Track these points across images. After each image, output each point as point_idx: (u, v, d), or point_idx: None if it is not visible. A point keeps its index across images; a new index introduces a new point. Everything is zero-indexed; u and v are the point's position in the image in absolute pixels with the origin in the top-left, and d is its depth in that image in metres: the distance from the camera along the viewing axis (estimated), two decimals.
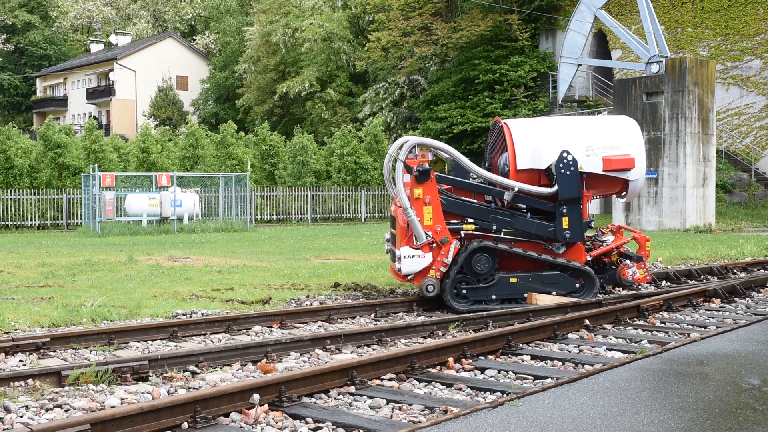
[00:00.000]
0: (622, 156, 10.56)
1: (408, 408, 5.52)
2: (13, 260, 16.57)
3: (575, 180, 10.22)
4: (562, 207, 10.23)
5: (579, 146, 10.42)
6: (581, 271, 10.44)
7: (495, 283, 10.14)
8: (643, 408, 4.97)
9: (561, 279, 10.37)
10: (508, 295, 10.21)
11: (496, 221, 10.30)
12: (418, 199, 9.93)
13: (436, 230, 9.96)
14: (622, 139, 10.77)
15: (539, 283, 10.27)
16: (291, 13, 51.32)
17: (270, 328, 8.88)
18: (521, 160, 10.42)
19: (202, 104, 61.99)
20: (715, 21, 35.12)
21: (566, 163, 10.19)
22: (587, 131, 10.91)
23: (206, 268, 14.86)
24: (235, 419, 5.22)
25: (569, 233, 10.28)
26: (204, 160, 34.91)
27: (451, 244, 10.01)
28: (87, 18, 79.51)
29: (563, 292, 10.34)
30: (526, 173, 10.42)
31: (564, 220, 10.24)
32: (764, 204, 31.85)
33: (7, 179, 31.39)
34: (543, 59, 39.66)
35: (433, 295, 9.91)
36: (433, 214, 9.96)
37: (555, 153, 10.28)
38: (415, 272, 9.98)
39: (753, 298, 11.06)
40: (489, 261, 10.09)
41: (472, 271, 10.08)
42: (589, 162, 10.42)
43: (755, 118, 34.29)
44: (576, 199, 10.26)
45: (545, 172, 10.44)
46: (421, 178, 9.93)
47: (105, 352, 7.55)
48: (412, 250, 9.92)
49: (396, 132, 43.48)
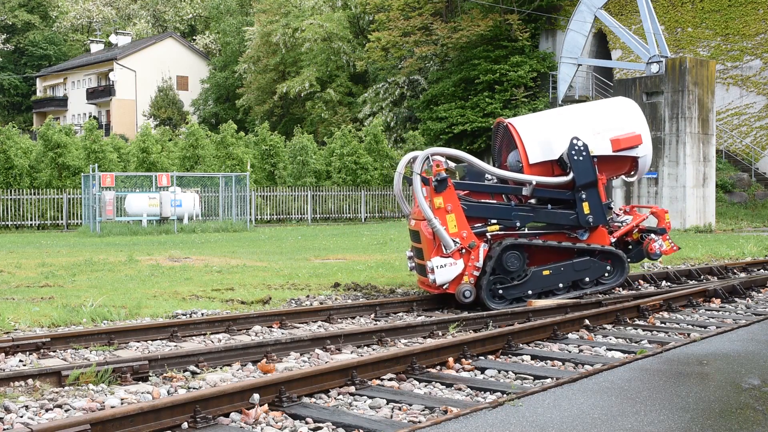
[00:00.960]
0: (628, 134, 10.75)
1: (408, 408, 5.52)
2: (13, 260, 16.57)
3: (589, 164, 10.39)
4: (580, 193, 10.40)
5: (586, 131, 10.59)
6: (610, 253, 10.61)
7: (529, 278, 10.22)
8: (643, 408, 4.97)
9: (592, 264, 10.52)
10: (543, 288, 10.32)
11: (518, 218, 10.38)
12: (440, 209, 9.95)
13: (462, 236, 9.97)
14: (624, 119, 10.97)
15: (571, 271, 10.42)
16: (291, 13, 51.31)
17: (270, 328, 8.87)
18: (532, 154, 10.53)
19: (202, 104, 61.99)
20: (715, 21, 35.12)
21: (578, 149, 10.35)
22: (590, 116, 11.10)
23: (206, 268, 14.85)
24: (235, 419, 5.22)
25: (592, 217, 10.46)
26: (204, 160, 34.91)
27: (480, 247, 10.04)
28: (87, 18, 79.52)
29: (595, 278, 10.52)
30: (538, 166, 10.53)
31: (584, 206, 10.42)
32: (764, 204, 31.85)
33: (7, 179, 31.38)
34: (543, 59, 39.67)
35: (470, 300, 9.90)
36: (456, 221, 9.98)
37: (565, 142, 10.42)
38: (449, 280, 9.94)
39: (753, 298, 11.06)
40: (520, 258, 10.16)
41: (505, 270, 10.12)
42: (598, 145, 10.60)
43: (755, 118, 34.29)
44: (593, 183, 10.43)
45: (557, 163, 10.57)
46: (439, 188, 9.97)
47: (105, 352, 7.55)
48: (443, 259, 9.90)
49: (396, 132, 43.47)
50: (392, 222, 34.67)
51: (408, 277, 13.09)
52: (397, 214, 36.35)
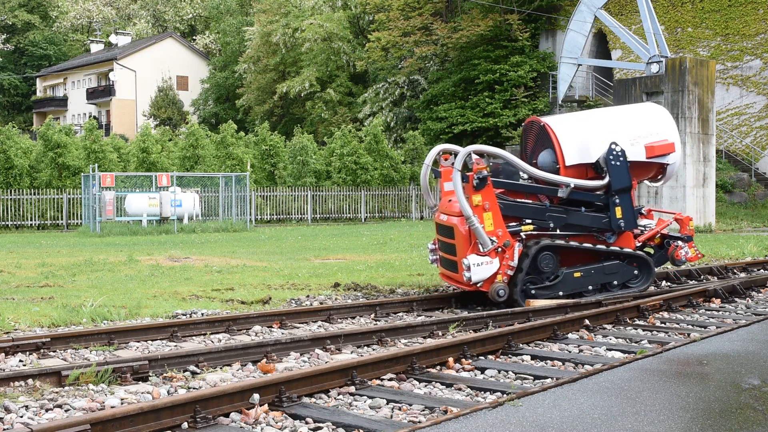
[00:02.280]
0: (661, 142, 10.85)
1: (408, 408, 5.52)
2: (13, 260, 16.57)
3: (626, 170, 10.46)
4: (614, 197, 10.45)
5: (623, 137, 10.66)
6: (638, 258, 10.68)
7: (561, 279, 10.24)
8: (643, 408, 4.97)
9: (620, 268, 10.58)
10: (574, 289, 10.34)
11: (552, 219, 10.40)
12: (478, 206, 9.92)
13: (498, 234, 9.96)
14: (659, 126, 11.05)
15: (601, 274, 10.46)
16: (291, 13, 51.32)
17: (270, 328, 8.87)
18: (569, 156, 10.55)
19: (202, 104, 62.00)
20: (715, 21, 35.12)
21: (616, 154, 10.40)
22: (626, 121, 11.18)
23: (206, 268, 14.85)
24: (235, 419, 5.22)
25: (623, 222, 10.51)
26: (204, 160, 34.91)
27: (515, 246, 10.04)
28: (87, 18, 79.54)
29: (622, 281, 10.58)
30: (574, 168, 10.56)
31: (617, 210, 10.47)
32: (764, 204, 31.85)
33: (7, 179, 31.39)
34: (543, 59, 39.67)
35: (504, 299, 9.90)
36: (493, 219, 9.98)
37: (603, 146, 10.47)
38: (485, 279, 9.93)
39: (753, 298, 11.07)
40: (553, 259, 10.20)
41: (539, 271, 10.14)
42: (634, 151, 10.67)
43: (755, 118, 34.29)
44: (627, 188, 10.52)
45: (591, 166, 10.62)
46: (479, 185, 9.95)
47: (105, 352, 7.55)
48: (480, 258, 9.87)
49: (396, 132, 43.47)
50: (392, 222, 34.68)
51: (408, 277, 13.09)
52: (397, 214, 36.38)
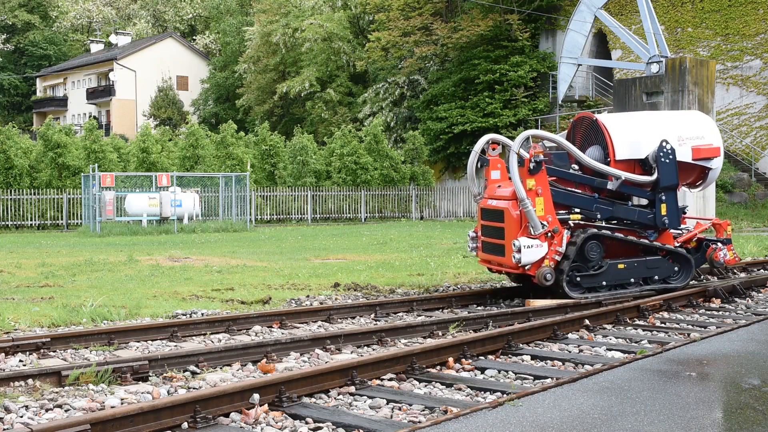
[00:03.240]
0: (707, 145, 11.08)
1: (408, 408, 5.52)
2: (13, 260, 16.57)
3: (674, 168, 10.68)
4: (661, 194, 10.67)
5: (672, 136, 10.88)
6: (679, 255, 10.87)
7: (605, 270, 10.40)
8: (643, 408, 4.97)
9: (662, 264, 10.78)
10: (616, 281, 10.50)
11: (600, 210, 10.60)
12: (532, 190, 10.09)
13: (548, 220, 10.13)
14: (705, 130, 11.29)
15: (643, 268, 10.65)
16: (291, 13, 51.31)
17: (270, 328, 8.87)
18: (619, 150, 10.77)
19: (202, 104, 61.99)
20: (715, 21, 35.11)
21: (665, 151, 10.63)
22: (676, 123, 11.44)
23: (206, 268, 14.85)
24: (235, 419, 5.22)
25: (667, 219, 10.73)
26: (204, 160, 34.91)
27: (563, 233, 10.19)
28: (87, 18, 79.54)
29: (663, 277, 10.76)
30: (623, 163, 10.77)
31: (662, 207, 10.70)
32: (764, 204, 31.84)
33: (7, 179, 31.39)
34: (543, 59, 39.65)
35: (550, 284, 10.06)
36: (544, 205, 10.16)
37: (653, 143, 10.70)
38: (533, 262, 10.07)
39: (753, 298, 11.08)
40: (599, 248, 10.35)
41: (585, 259, 10.29)
42: (681, 151, 10.89)
43: (755, 118, 34.28)
44: (674, 186, 10.75)
45: (640, 162, 10.84)
46: (534, 170, 10.12)
47: (105, 352, 7.55)
48: (531, 240, 10.04)
49: (396, 132, 43.45)
50: (392, 222, 34.67)
51: (408, 277, 13.09)
52: (397, 214, 36.38)
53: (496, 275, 13.39)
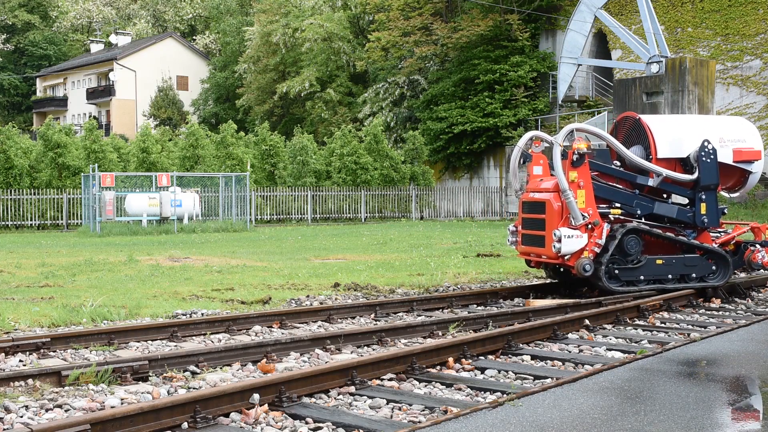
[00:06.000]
0: (749, 148, 11.19)
1: (408, 408, 5.52)
2: (13, 260, 16.57)
3: (715, 168, 10.76)
4: (701, 193, 10.77)
5: (714, 137, 10.97)
6: (717, 254, 10.90)
7: (644, 264, 10.49)
8: (643, 408, 4.97)
9: (700, 262, 10.82)
10: (655, 276, 10.57)
11: (640, 206, 10.70)
12: (574, 182, 10.21)
13: (589, 212, 10.24)
14: (746, 134, 11.40)
15: (681, 265, 10.70)
16: (291, 13, 51.33)
17: (270, 328, 8.87)
18: (661, 149, 10.89)
19: (202, 104, 62.01)
20: (715, 21, 35.11)
21: (707, 151, 10.72)
22: (717, 125, 11.56)
23: (206, 268, 14.85)
24: (235, 419, 5.22)
25: (707, 219, 10.82)
26: (204, 160, 34.92)
27: (603, 226, 10.29)
28: (87, 18, 79.54)
29: (700, 276, 10.81)
30: (664, 162, 10.88)
31: (702, 206, 10.79)
32: (764, 204, 31.86)
33: (7, 179, 31.39)
34: (543, 59, 39.67)
35: (589, 274, 10.15)
36: (586, 197, 10.27)
37: (695, 143, 10.80)
38: (573, 252, 10.17)
39: (753, 298, 11.11)
40: (639, 243, 10.44)
41: (624, 252, 10.37)
42: (722, 152, 10.98)
43: (755, 118, 34.28)
44: (714, 186, 10.82)
45: (680, 161, 10.94)
46: (577, 162, 10.24)
47: (105, 352, 7.55)
48: (571, 230, 10.15)
49: (396, 132, 43.47)
50: (392, 222, 34.67)
51: (408, 277, 13.09)
52: (398, 214, 36.39)
53: (496, 275, 13.41)
